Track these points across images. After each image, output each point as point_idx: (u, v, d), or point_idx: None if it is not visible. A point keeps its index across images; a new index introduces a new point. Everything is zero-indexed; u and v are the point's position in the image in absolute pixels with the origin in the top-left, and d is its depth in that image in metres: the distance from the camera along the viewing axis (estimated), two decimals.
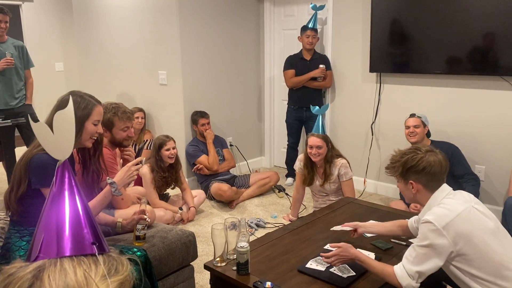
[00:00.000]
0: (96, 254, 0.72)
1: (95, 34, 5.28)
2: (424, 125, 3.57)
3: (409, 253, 1.74)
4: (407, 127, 3.58)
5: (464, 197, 1.79)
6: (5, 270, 0.68)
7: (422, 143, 3.44)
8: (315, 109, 3.56)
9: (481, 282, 1.67)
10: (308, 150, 3.29)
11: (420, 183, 1.83)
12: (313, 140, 3.26)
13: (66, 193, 0.79)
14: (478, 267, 1.66)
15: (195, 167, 4.27)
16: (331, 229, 2.32)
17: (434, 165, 1.79)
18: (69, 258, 0.70)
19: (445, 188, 1.83)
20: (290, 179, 4.74)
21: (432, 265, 1.68)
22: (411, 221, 2.09)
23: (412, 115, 3.62)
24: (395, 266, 1.75)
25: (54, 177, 0.80)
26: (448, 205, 1.73)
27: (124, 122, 2.76)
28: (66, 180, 0.80)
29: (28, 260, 0.72)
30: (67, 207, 0.77)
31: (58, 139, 0.84)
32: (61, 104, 1.93)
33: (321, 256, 1.97)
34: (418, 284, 1.71)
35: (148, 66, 4.74)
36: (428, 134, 3.63)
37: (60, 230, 0.74)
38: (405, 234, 2.16)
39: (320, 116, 3.44)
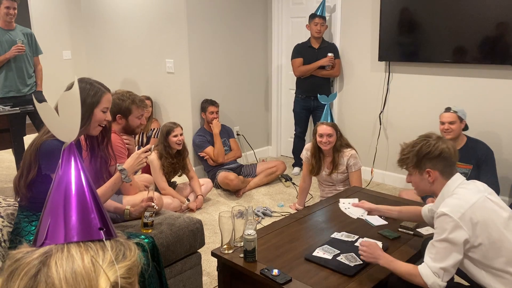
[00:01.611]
0: (104, 239, 0.72)
1: (102, 22, 5.27)
2: (461, 120, 3.23)
3: (429, 251, 1.71)
4: (442, 123, 3.25)
5: (477, 186, 1.77)
6: (12, 255, 0.68)
7: (457, 141, 3.22)
8: (323, 98, 3.54)
9: (495, 272, 1.65)
10: (318, 139, 3.27)
11: (437, 170, 1.80)
12: (324, 129, 3.25)
13: (72, 177, 0.77)
14: (493, 256, 1.64)
15: (201, 154, 4.30)
16: (339, 204, 2.31)
17: (448, 150, 1.78)
18: (76, 243, 0.70)
19: (458, 177, 1.80)
20: (297, 169, 4.73)
21: (454, 259, 1.65)
22: (424, 209, 2.06)
23: (448, 109, 3.26)
24: (419, 266, 1.72)
25: (60, 160, 0.79)
26: (461, 195, 1.71)
27: (141, 109, 2.82)
28: (72, 163, 0.78)
29: (35, 245, 0.71)
30: (73, 191, 0.76)
31: (64, 121, 0.83)
32: None
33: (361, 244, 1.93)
34: (445, 283, 1.66)
35: (155, 54, 4.73)
36: (466, 128, 3.30)
37: (67, 214, 0.73)
38: (417, 221, 2.15)
39: (328, 105, 3.42)
